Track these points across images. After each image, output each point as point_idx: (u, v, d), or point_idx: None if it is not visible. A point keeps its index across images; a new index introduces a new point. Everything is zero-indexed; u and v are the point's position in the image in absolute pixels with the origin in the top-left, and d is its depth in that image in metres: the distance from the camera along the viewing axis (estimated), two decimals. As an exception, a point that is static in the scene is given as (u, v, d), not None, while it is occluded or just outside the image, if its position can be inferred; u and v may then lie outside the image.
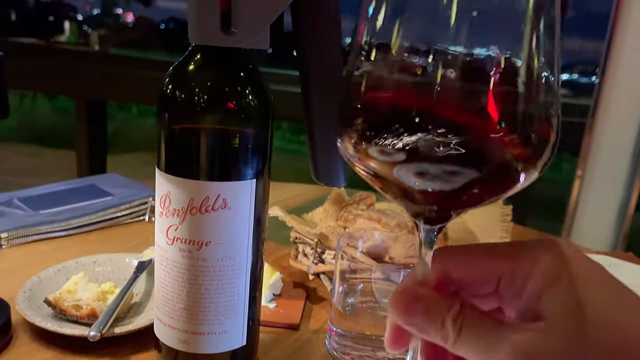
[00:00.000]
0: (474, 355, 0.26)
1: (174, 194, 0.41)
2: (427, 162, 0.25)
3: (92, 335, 0.46)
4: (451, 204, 0.28)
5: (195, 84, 0.40)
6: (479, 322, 0.26)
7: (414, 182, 0.26)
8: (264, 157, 0.42)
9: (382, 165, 0.26)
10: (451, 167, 0.25)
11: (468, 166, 0.25)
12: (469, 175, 0.25)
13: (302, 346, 0.53)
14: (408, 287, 0.29)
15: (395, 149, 0.25)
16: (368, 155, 0.26)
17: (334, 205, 0.73)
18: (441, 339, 0.27)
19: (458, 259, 0.29)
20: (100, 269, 0.59)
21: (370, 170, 0.27)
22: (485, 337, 0.25)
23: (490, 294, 0.29)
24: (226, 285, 0.42)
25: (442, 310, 0.27)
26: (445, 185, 0.26)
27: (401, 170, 0.26)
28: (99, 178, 0.88)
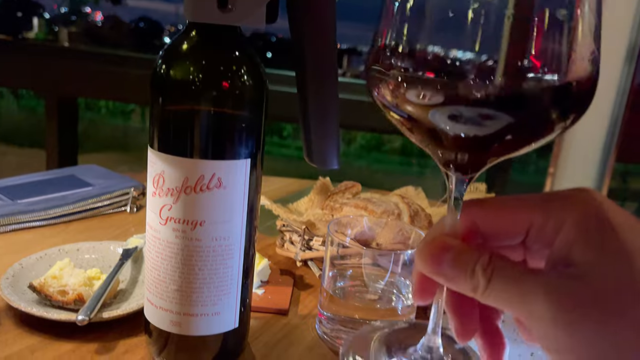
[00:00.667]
0: (505, 303, 0.26)
1: (168, 173, 0.40)
2: (463, 105, 0.25)
3: (80, 320, 0.45)
4: (486, 150, 0.28)
5: (189, 62, 0.40)
6: (510, 269, 0.26)
7: (450, 126, 0.26)
8: (258, 137, 0.42)
9: (418, 109, 0.26)
10: (488, 110, 0.25)
11: (504, 110, 0.25)
12: (505, 120, 0.25)
13: (292, 330, 0.53)
14: (436, 237, 0.28)
15: (432, 92, 0.25)
16: (406, 100, 0.26)
17: (319, 194, 0.74)
18: (471, 288, 0.26)
19: (487, 210, 0.29)
20: (85, 256, 0.58)
21: (406, 115, 0.27)
22: (517, 284, 0.25)
23: (516, 246, 0.29)
24: (220, 266, 0.42)
25: (471, 259, 0.26)
26: (480, 130, 0.26)
27: (437, 113, 0.26)
28: (79, 169, 0.86)
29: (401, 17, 0.27)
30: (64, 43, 3.15)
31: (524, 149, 0.28)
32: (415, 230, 0.54)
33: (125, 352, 0.46)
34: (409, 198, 0.69)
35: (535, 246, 0.28)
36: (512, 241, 0.29)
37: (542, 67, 0.24)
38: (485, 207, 0.29)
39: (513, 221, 0.28)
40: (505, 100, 0.25)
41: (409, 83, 0.26)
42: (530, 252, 0.29)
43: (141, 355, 0.46)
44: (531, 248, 0.29)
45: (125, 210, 0.78)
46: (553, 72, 0.25)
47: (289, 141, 4.94)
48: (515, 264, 0.26)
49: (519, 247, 0.29)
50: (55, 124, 2.41)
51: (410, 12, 0.26)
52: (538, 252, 0.28)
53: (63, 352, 0.45)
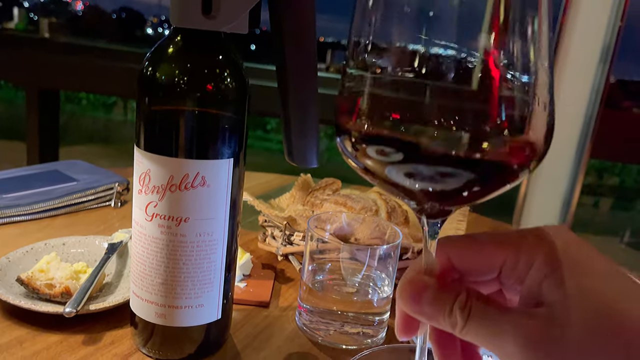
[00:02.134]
0: (481, 341, 0.27)
1: (154, 171, 0.42)
2: (425, 164, 0.26)
3: (67, 312, 0.46)
4: (451, 201, 0.28)
5: (175, 65, 0.42)
6: (485, 309, 0.27)
7: (412, 182, 0.27)
8: (240, 137, 0.44)
9: (381, 165, 0.27)
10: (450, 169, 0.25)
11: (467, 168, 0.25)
12: (468, 177, 0.26)
13: (273, 322, 0.55)
14: (415, 277, 0.29)
15: (393, 150, 0.26)
16: (367, 156, 0.27)
17: (300, 191, 0.76)
18: (449, 326, 0.27)
19: (461, 248, 0.30)
20: (71, 250, 0.60)
21: (369, 170, 0.28)
22: (491, 324, 0.26)
23: (492, 279, 0.30)
24: (204, 260, 0.44)
25: (449, 298, 0.27)
26: (444, 185, 0.26)
27: (399, 171, 0.26)
28: (62, 164, 0.87)
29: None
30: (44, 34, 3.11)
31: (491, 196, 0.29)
32: (391, 226, 0.56)
33: (111, 343, 0.48)
34: (386, 195, 0.71)
35: (508, 282, 0.29)
36: (487, 277, 0.30)
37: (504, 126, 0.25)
38: (459, 245, 0.30)
39: (486, 259, 0.29)
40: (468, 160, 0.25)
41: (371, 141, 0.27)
42: (505, 286, 0.30)
43: (127, 345, 0.48)
44: (505, 283, 0.30)
45: (109, 205, 0.79)
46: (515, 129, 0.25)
47: (273, 135, 4.95)
48: (490, 303, 0.27)
49: (495, 280, 0.30)
50: (36, 117, 2.39)
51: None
52: (512, 287, 0.29)
53: (51, 343, 0.47)
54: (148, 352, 0.47)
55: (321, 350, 0.51)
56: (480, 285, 0.30)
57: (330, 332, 0.52)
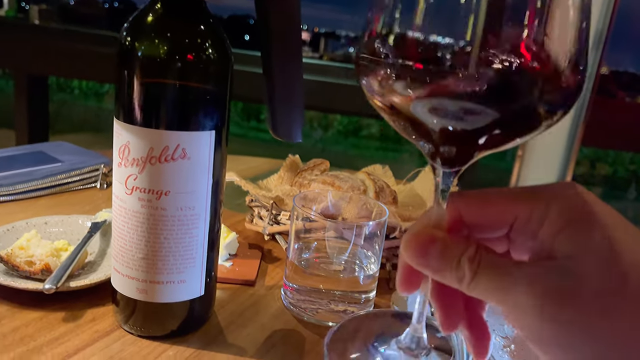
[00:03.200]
0: (490, 294, 0.26)
1: (133, 143, 0.41)
2: (450, 98, 0.25)
3: (47, 288, 0.46)
4: (473, 144, 0.27)
5: (154, 34, 0.41)
6: (496, 262, 0.26)
7: (436, 119, 0.26)
8: (223, 109, 0.43)
9: (405, 101, 0.26)
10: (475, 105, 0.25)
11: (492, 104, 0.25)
12: (492, 115, 0.25)
13: (258, 300, 0.54)
14: (422, 229, 0.29)
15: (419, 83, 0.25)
16: (393, 91, 0.26)
17: (288, 171, 0.75)
18: (456, 279, 0.27)
19: (474, 202, 0.29)
20: (53, 229, 0.59)
21: (393, 106, 0.27)
22: (502, 276, 0.25)
23: (500, 238, 0.29)
24: (185, 235, 0.43)
25: (458, 251, 0.27)
26: (467, 124, 0.26)
27: (423, 106, 0.26)
28: (48, 145, 0.86)
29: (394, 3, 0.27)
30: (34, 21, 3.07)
31: (512, 143, 0.28)
32: (378, 204, 0.56)
33: (92, 320, 0.47)
34: (375, 175, 0.71)
35: (519, 239, 0.28)
36: (497, 233, 0.29)
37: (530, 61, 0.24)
38: (471, 199, 0.29)
39: (498, 213, 0.28)
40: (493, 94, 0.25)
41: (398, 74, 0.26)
42: (514, 244, 0.29)
43: (108, 323, 0.47)
44: (515, 240, 0.29)
45: (95, 186, 0.78)
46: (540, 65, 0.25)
47: (266, 124, 4.91)
48: (501, 257, 0.26)
49: (503, 239, 0.29)
50: (25, 103, 2.36)
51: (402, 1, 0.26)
52: (522, 245, 0.29)
53: (30, 320, 0.46)
54: (130, 329, 0.46)
55: (306, 327, 0.50)
56: (488, 243, 0.29)
57: (316, 310, 0.52)
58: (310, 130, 5.01)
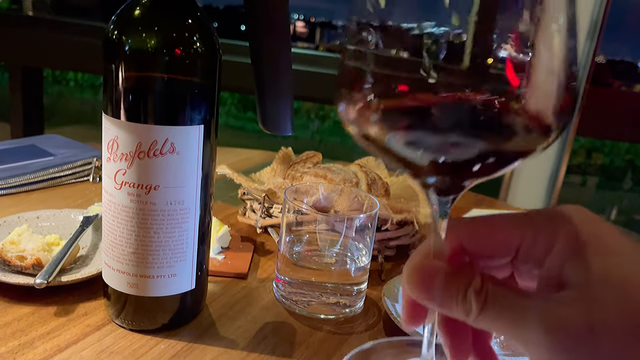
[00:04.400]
0: (498, 328, 0.25)
1: (122, 138, 0.41)
2: (433, 132, 0.24)
3: (38, 283, 0.46)
4: (465, 174, 0.26)
5: (141, 28, 0.40)
6: (504, 294, 0.25)
7: (421, 152, 0.25)
8: (211, 104, 0.43)
9: (385, 133, 0.25)
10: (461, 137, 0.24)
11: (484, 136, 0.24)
12: (485, 146, 0.24)
13: (250, 293, 0.54)
14: (423, 261, 0.27)
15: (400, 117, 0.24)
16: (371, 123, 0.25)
17: (281, 164, 0.75)
18: (463, 313, 0.25)
19: (475, 230, 0.28)
20: (45, 223, 0.59)
21: (374, 140, 0.26)
22: (511, 309, 0.24)
23: (504, 264, 0.28)
24: (175, 229, 0.43)
25: (462, 283, 0.25)
26: (460, 155, 0.24)
27: (406, 139, 0.24)
28: (40, 138, 0.85)
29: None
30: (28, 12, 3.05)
31: (506, 169, 0.27)
32: (369, 196, 0.56)
33: (84, 314, 0.47)
34: (367, 167, 0.71)
35: (524, 266, 0.27)
36: (501, 261, 0.28)
37: (518, 88, 0.23)
38: (472, 226, 0.28)
39: (501, 240, 0.27)
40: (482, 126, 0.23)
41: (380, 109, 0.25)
42: (519, 271, 0.28)
43: (100, 317, 0.47)
44: (520, 268, 0.28)
45: (88, 180, 0.78)
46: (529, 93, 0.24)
47: (263, 116, 4.89)
48: (508, 288, 0.25)
49: (506, 265, 0.28)
50: (20, 96, 2.35)
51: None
52: (527, 272, 0.28)
53: (22, 315, 0.46)
54: (121, 323, 0.46)
55: (297, 319, 0.51)
56: (490, 271, 0.28)
57: (308, 303, 0.52)
58: (307, 122, 5.00)
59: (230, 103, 4.87)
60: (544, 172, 1.58)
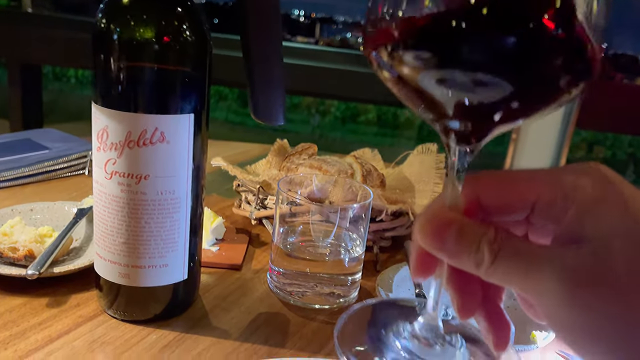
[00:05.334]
0: (511, 280, 0.25)
1: (112, 127, 0.41)
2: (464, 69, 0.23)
3: (30, 274, 0.46)
4: (491, 118, 0.26)
5: (130, 16, 0.40)
6: (518, 245, 0.25)
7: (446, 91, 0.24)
8: (201, 93, 0.43)
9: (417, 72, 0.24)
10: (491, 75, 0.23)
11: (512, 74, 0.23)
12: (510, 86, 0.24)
13: (244, 284, 0.54)
14: (438, 212, 0.27)
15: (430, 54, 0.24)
16: (403, 62, 0.25)
17: (276, 156, 0.75)
18: (474, 264, 0.25)
19: (492, 184, 0.27)
20: (38, 216, 0.59)
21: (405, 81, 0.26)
22: (525, 260, 0.24)
23: (518, 221, 0.28)
24: (166, 219, 0.43)
25: (477, 234, 0.25)
26: (484, 96, 0.24)
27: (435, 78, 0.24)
28: (35, 132, 0.85)
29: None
30: (27, 8, 3.04)
31: (532, 117, 0.27)
32: (363, 187, 0.56)
33: (76, 305, 0.47)
34: (363, 159, 0.71)
35: (540, 222, 0.27)
36: (516, 217, 0.27)
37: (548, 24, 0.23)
38: (489, 180, 0.28)
39: (518, 195, 0.27)
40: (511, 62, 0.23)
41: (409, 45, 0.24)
42: (534, 227, 0.28)
43: (92, 308, 0.47)
44: (535, 224, 0.28)
45: (83, 173, 0.78)
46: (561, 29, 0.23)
47: (263, 111, 4.88)
48: (523, 240, 0.25)
49: (522, 222, 0.28)
50: (19, 92, 2.35)
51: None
52: (542, 229, 0.27)
53: (14, 306, 0.46)
54: (114, 314, 0.46)
55: (291, 310, 0.51)
56: (509, 227, 0.28)
57: (302, 293, 0.52)
58: (307, 117, 5.00)
59: (231, 98, 4.86)
60: (543, 165, 1.58)
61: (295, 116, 4.79)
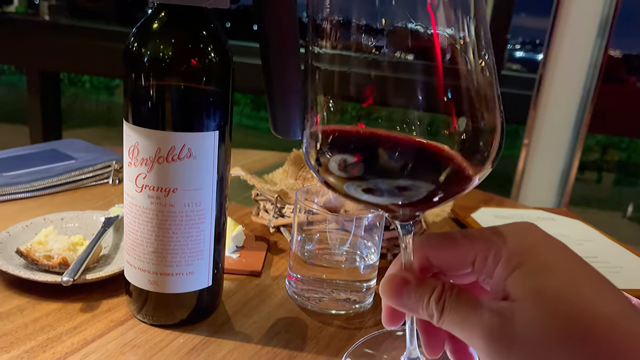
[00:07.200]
0: (455, 331, 0.29)
1: (142, 144, 0.44)
2: (380, 179, 0.28)
3: (65, 281, 0.49)
4: (416, 208, 0.31)
5: (159, 41, 0.43)
6: (458, 302, 0.29)
7: (379, 198, 0.30)
8: (225, 110, 0.45)
9: (343, 182, 0.30)
10: (410, 182, 0.28)
11: (425, 179, 0.28)
12: (427, 188, 0.28)
13: (264, 290, 0.57)
14: (395, 273, 0.33)
15: (350, 166, 0.28)
16: (329, 172, 0.30)
17: (293, 165, 0.77)
18: (428, 316, 0.30)
19: (436, 247, 0.32)
20: (69, 224, 0.62)
21: (334, 185, 0.31)
22: (461, 317, 0.28)
23: (469, 273, 0.32)
24: (192, 229, 0.46)
25: (426, 292, 0.30)
26: (406, 198, 0.29)
27: (359, 187, 0.29)
28: (61, 143, 0.89)
29: None
30: (44, 16, 3.11)
31: (451, 199, 0.32)
32: (377, 196, 0.58)
33: (107, 310, 0.50)
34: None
35: (480, 277, 0.31)
36: (462, 271, 0.32)
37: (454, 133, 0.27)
38: (434, 244, 0.32)
39: (459, 256, 0.31)
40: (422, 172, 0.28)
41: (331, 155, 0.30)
42: (479, 279, 0.32)
43: (123, 312, 0.50)
44: (478, 278, 0.32)
45: (107, 182, 0.81)
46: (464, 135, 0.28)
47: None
48: (463, 297, 0.29)
49: (471, 274, 0.32)
50: (38, 99, 2.40)
51: None
52: (485, 282, 0.31)
53: (50, 311, 0.49)
54: (143, 318, 0.49)
55: (309, 315, 0.53)
56: (459, 279, 0.32)
57: (319, 299, 0.54)
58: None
59: (244, 103, 4.90)
60: (555, 170, 1.59)
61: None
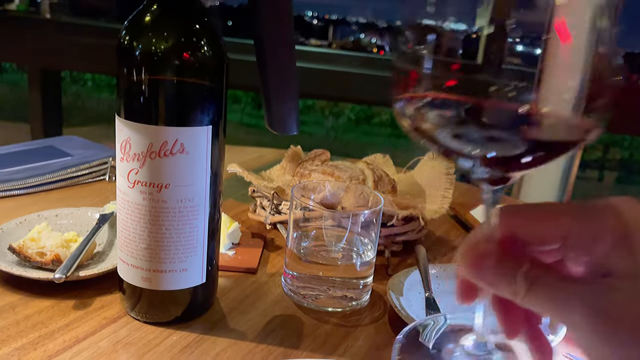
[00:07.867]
0: (544, 310, 0.27)
1: (134, 139, 0.43)
2: (488, 129, 0.26)
3: (57, 278, 0.48)
4: (514, 167, 0.29)
5: (151, 34, 0.42)
6: (550, 278, 0.27)
7: (475, 148, 0.28)
8: (219, 105, 0.45)
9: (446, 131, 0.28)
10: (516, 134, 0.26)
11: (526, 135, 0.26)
12: (527, 144, 0.27)
13: (260, 287, 0.56)
14: (477, 244, 0.30)
15: (457, 114, 0.27)
16: (425, 120, 0.28)
17: (290, 162, 0.77)
18: (510, 293, 0.27)
19: (524, 217, 0.29)
20: (63, 221, 0.61)
21: (435, 137, 0.29)
22: (556, 292, 0.26)
23: (554, 250, 0.29)
24: (186, 225, 0.45)
25: (512, 266, 0.27)
26: (507, 151, 0.27)
27: (467, 136, 0.27)
28: (58, 139, 0.88)
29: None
30: (45, 15, 3.11)
31: (555, 160, 0.30)
32: (374, 193, 0.57)
33: (101, 307, 0.49)
34: (374, 164, 0.72)
35: (572, 253, 0.28)
36: (550, 247, 0.29)
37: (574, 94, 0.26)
38: (523, 214, 0.30)
39: (550, 229, 0.28)
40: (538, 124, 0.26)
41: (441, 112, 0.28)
42: (568, 257, 0.29)
43: (116, 310, 0.49)
44: (568, 254, 0.29)
45: (104, 179, 0.81)
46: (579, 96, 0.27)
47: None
48: (555, 272, 0.27)
49: (557, 251, 0.29)
50: (39, 97, 2.40)
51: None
52: (575, 258, 0.29)
53: (42, 308, 0.48)
54: (136, 316, 0.48)
55: (305, 312, 0.52)
56: (541, 256, 0.30)
57: (316, 296, 0.54)
58: (321, 119, 5.02)
59: (245, 101, 4.90)
60: (556, 168, 1.58)
61: (309, 118, 4.81)
